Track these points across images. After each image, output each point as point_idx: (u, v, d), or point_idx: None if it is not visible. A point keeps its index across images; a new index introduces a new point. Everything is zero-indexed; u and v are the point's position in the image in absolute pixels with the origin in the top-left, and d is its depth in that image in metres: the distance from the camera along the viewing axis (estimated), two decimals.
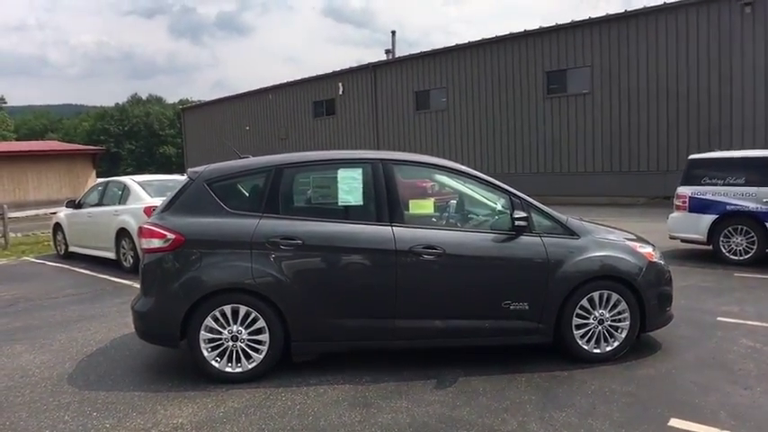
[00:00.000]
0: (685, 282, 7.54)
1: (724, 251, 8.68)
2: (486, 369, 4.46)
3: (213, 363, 4.33)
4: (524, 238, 4.46)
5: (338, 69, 27.08)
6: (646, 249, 4.80)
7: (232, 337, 4.32)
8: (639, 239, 5.09)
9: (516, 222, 4.35)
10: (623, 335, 4.60)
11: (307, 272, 4.35)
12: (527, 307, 4.44)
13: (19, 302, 7.43)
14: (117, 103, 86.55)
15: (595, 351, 4.57)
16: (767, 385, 4.04)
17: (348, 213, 4.51)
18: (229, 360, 4.35)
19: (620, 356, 4.60)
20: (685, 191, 9.09)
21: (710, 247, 8.86)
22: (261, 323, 4.32)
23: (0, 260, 11.77)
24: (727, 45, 16.47)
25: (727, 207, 8.58)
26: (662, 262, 4.92)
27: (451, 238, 4.45)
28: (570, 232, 4.59)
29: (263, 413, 3.83)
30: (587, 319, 4.54)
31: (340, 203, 4.51)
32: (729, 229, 8.62)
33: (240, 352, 4.34)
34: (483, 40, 21.68)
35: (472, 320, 4.44)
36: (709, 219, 8.75)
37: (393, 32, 27.38)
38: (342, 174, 4.53)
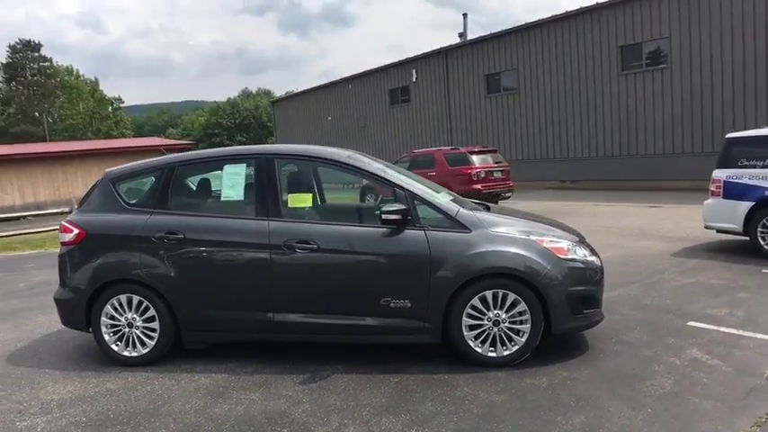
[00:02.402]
0: (694, 278, 6.74)
1: (761, 243, 7.60)
2: (371, 367, 4.33)
3: (113, 346, 4.62)
4: (407, 232, 4.24)
5: (412, 56, 26.87)
6: (557, 245, 4.34)
7: (128, 324, 4.58)
8: (569, 234, 4.62)
9: (383, 216, 4.14)
10: (524, 339, 4.23)
11: (188, 265, 4.47)
12: (409, 305, 4.22)
13: (40, 286, 8.30)
14: (229, 98, 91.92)
15: (490, 355, 4.25)
16: (664, 406, 3.53)
17: (230, 208, 4.57)
18: (127, 345, 4.60)
19: (524, 361, 4.24)
20: (720, 174, 8.06)
21: (748, 238, 7.78)
22: (152, 312, 4.52)
23: (54, 249, 13.15)
24: None
25: (766, 192, 7.48)
26: (586, 258, 4.44)
27: (327, 232, 4.34)
28: (460, 225, 4.28)
29: (125, 396, 4.04)
30: (481, 319, 4.23)
31: (223, 199, 4.58)
32: None
33: (136, 338, 4.58)
34: (553, 16, 20.44)
35: (350, 317, 4.32)
36: (745, 206, 7.69)
37: (464, 15, 26.65)
38: (227, 170, 4.60)
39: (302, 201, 4.49)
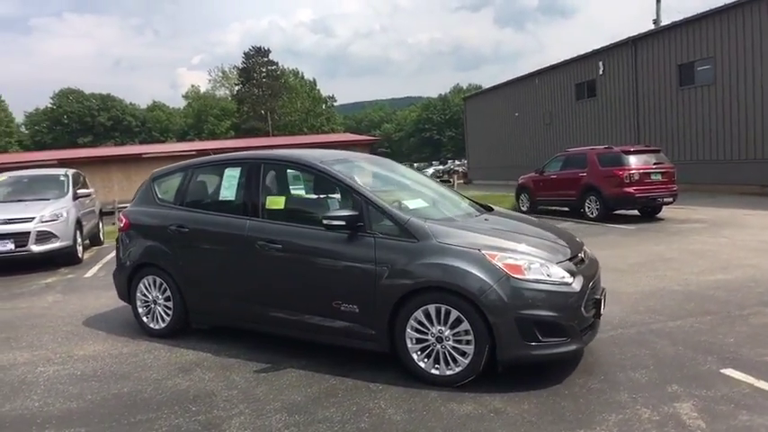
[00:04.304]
0: None
1: None
2: (326, 367, 4.46)
3: (144, 318, 5.52)
4: (358, 238, 4.29)
5: (599, 47, 24.84)
6: (514, 262, 3.96)
7: (153, 301, 5.41)
8: (548, 252, 4.17)
9: (324, 222, 4.23)
10: (467, 360, 3.99)
11: (190, 254, 5.15)
12: (357, 310, 4.29)
13: None
14: (440, 94, 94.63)
15: (433, 372, 4.10)
16: None
17: (226, 207, 5.10)
18: (153, 318, 5.45)
19: (469, 384, 3.99)
20: None
21: None
22: (169, 293, 5.28)
23: None
24: None
25: None
26: (554, 280, 3.97)
27: (289, 233, 4.59)
28: (408, 234, 4.17)
29: (123, 359, 4.88)
30: (426, 334, 4.10)
31: (220, 198, 5.13)
32: None
33: (158, 313, 5.40)
34: None
35: (308, 315, 4.53)
36: None
37: None
38: (227, 173, 5.15)
39: (276, 203, 4.81)
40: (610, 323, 5.37)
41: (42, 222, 9.32)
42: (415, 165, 55.27)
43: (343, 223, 4.23)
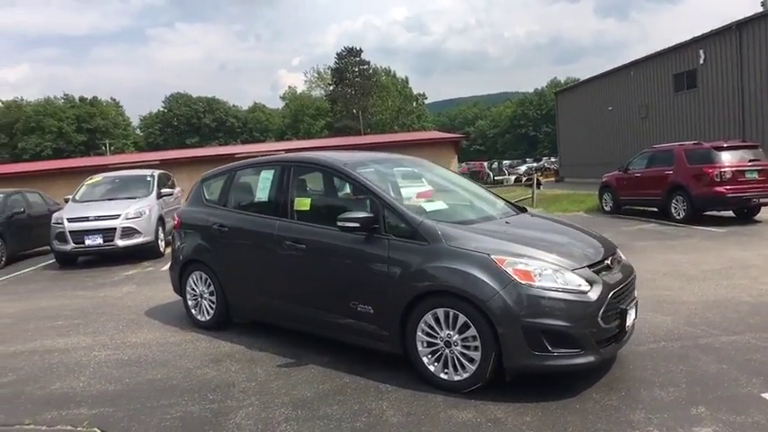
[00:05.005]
0: None
1: None
2: (346, 365, 4.58)
3: (192, 311, 5.93)
4: (374, 240, 4.36)
5: (699, 34, 23.01)
6: (524, 267, 3.86)
7: (200, 295, 5.81)
8: (566, 258, 4.02)
9: (338, 224, 4.33)
10: (474, 366, 3.95)
11: (229, 252, 5.47)
12: (372, 311, 4.37)
13: None
14: (536, 89, 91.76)
15: (442, 377, 4.09)
16: None
17: (260, 208, 5.35)
18: (200, 311, 5.84)
19: (477, 392, 3.93)
20: None
21: None
22: (213, 287, 5.65)
23: None
24: None
25: None
26: (568, 288, 3.82)
27: (313, 234, 4.75)
28: (420, 237, 4.18)
29: (167, 348, 5.30)
30: (435, 337, 4.10)
31: (256, 199, 5.39)
32: None
33: (205, 306, 5.79)
34: None
35: (329, 314, 4.67)
36: None
37: None
38: (262, 174, 5.40)
39: (303, 204, 4.98)
40: (654, 335, 5.07)
41: (127, 219, 10.25)
42: (506, 162, 54.01)
43: (357, 225, 4.32)
